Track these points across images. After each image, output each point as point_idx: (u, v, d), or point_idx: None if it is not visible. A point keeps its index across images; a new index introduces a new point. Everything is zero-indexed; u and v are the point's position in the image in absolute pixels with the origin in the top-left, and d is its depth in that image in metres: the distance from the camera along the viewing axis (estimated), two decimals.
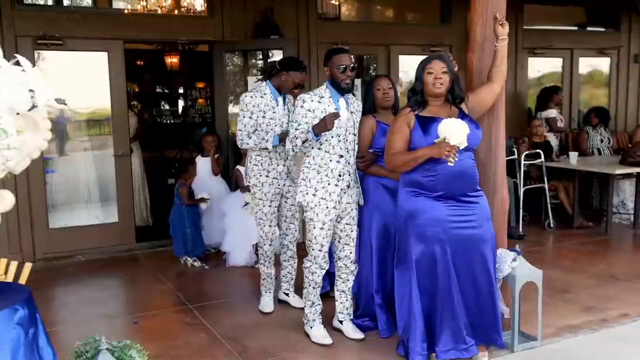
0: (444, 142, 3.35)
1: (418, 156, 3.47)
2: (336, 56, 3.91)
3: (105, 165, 6.86)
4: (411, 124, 3.56)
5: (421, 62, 3.64)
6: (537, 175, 7.42)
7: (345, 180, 3.92)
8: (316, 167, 3.91)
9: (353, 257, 4.10)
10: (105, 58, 6.58)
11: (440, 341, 3.56)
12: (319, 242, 3.94)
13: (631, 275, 5.39)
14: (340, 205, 3.94)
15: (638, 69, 10.18)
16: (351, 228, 4.05)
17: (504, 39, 3.71)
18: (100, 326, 4.43)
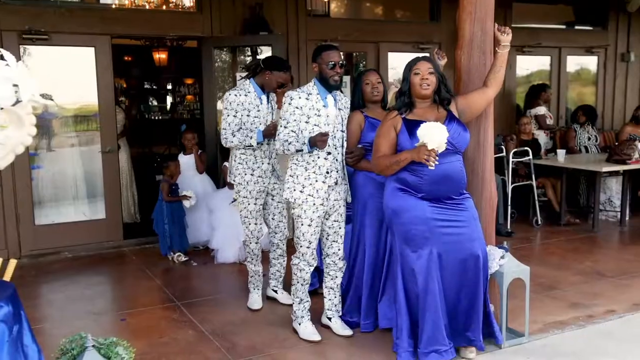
0: (423, 146, 3.35)
1: (400, 160, 3.49)
2: (325, 52, 3.89)
3: (93, 161, 6.80)
4: (398, 127, 3.57)
5: (408, 63, 3.66)
6: (525, 172, 7.45)
7: (333, 177, 3.91)
8: (304, 163, 3.90)
9: (341, 254, 4.10)
10: (92, 53, 6.52)
11: (421, 341, 3.56)
12: (307, 239, 3.94)
13: (617, 271, 5.43)
14: (328, 202, 3.94)
15: (625, 67, 10.24)
16: (339, 225, 4.04)
17: (506, 45, 3.69)
18: (86, 323, 4.42)
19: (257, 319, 4.52)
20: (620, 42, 10.13)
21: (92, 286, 5.41)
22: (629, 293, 4.85)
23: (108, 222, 6.78)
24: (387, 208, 3.62)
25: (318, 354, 3.89)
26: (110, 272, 5.93)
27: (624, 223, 7.33)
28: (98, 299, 5.09)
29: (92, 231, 6.68)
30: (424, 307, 3.53)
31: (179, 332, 4.30)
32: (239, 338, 4.15)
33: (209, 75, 7.29)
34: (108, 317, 4.69)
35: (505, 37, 3.68)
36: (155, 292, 5.24)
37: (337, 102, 3.99)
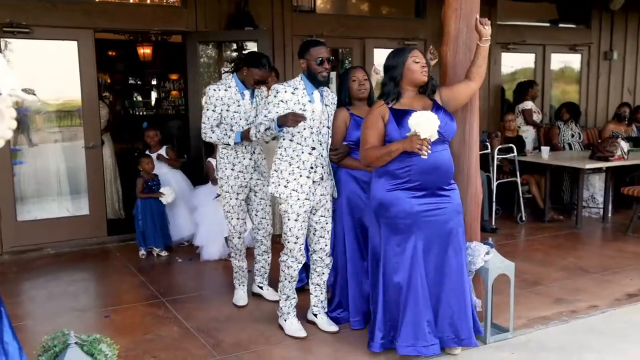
0: (415, 135, 3.34)
1: (391, 150, 3.45)
2: (314, 48, 3.87)
3: (76, 156, 6.74)
4: (385, 117, 3.54)
5: (401, 51, 3.62)
6: (509, 169, 7.49)
7: (318, 172, 3.90)
8: (288, 158, 3.88)
9: (328, 249, 4.09)
10: (75, 47, 6.47)
11: (401, 334, 3.56)
12: (294, 235, 3.92)
13: (600, 267, 5.48)
14: (314, 197, 3.93)
15: (608, 65, 10.33)
16: (326, 220, 4.03)
17: (487, 39, 3.69)
18: (69, 320, 4.39)
19: (243, 316, 4.50)
20: (604, 40, 10.22)
21: (75, 283, 5.36)
22: (610, 289, 4.89)
23: (92, 218, 6.73)
24: (374, 199, 3.61)
25: (304, 350, 3.88)
26: (93, 269, 5.88)
27: (607, 220, 7.39)
28: (81, 296, 5.05)
29: (75, 227, 6.62)
30: (405, 302, 3.53)
31: (164, 328, 4.28)
32: (224, 335, 4.13)
33: (194, 71, 7.24)
34: (91, 314, 4.65)
35: (486, 30, 3.67)
36: (139, 288, 5.20)
37: (324, 98, 3.97)
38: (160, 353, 3.87)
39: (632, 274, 5.27)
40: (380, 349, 3.67)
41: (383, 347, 3.67)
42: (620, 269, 5.41)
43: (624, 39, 10.38)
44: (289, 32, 7.55)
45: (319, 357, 3.78)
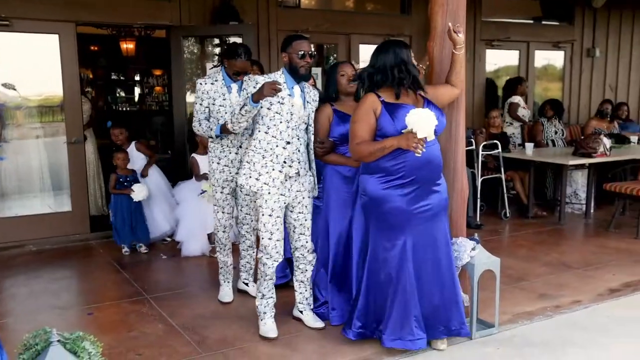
0: (412, 133, 3.32)
1: (385, 146, 3.41)
2: (296, 42, 3.84)
3: (58, 152, 6.67)
4: (378, 110, 3.49)
5: (401, 47, 3.56)
6: (494, 165, 7.52)
7: (294, 167, 3.84)
8: (261, 151, 3.83)
9: (310, 246, 4.06)
10: (56, 41, 6.38)
11: (387, 328, 3.57)
12: (268, 230, 3.86)
13: (582, 263, 5.52)
14: (290, 193, 3.89)
15: (590, 62, 10.41)
16: (305, 217, 3.99)
17: (461, 47, 3.69)
18: (51, 318, 4.34)
19: (228, 312, 4.47)
20: (586, 37, 10.30)
21: (57, 280, 5.30)
22: (593, 284, 4.93)
23: (74, 214, 6.66)
24: (365, 195, 3.59)
25: (290, 346, 3.86)
26: (76, 266, 5.81)
27: (589, 215, 7.45)
28: (63, 293, 4.99)
29: (57, 224, 6.55)
30: (393, 296, 3.54)
31: (148, 326, 4.24)
32: (209, 331, 4.10)
33: (178, 65, 7.19)
34: (74, 312, 4.60)
35: (460, 37, 3.67)
36: (123, 285, 5.15)
37: (305, 95, 3.94)
38: (144, 350, 3.83)
39: (614, 269, 5.31)
40: (356, 337, 3.69)
41: (359, 336, 3.69)
42: (603, 265, 5.46)
43: (605, 36, 10.47)
44: (274, 27, 7.52)
45: (304, 354, 3.76)
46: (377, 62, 3.56)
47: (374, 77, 3.56)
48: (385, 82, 3.53)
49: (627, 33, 10.69)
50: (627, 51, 10.75)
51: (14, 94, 6.30)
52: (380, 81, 3.54)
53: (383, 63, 3.53)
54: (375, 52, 3.61)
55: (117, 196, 6.10)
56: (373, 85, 3.57)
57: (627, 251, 5.92)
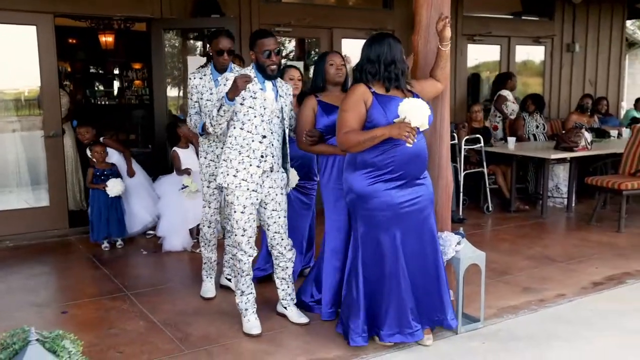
0: (404, 122, 3.28)
1: (376, 135, 3.34)
2: (260, 40, 3.75)
3: (36, 146, 6.55)
4: (368, 101, 3.43)
5: (395, 41, 3.52)
6: (476, 160, 7.53)
7: (268, 162, 3.80)
8: (238, 147, 3.78)
9: (286, 243, 4.00)
10: (34, 32, 6.25)
11: (385, 325, 3.55)
12: (240, 227, 3.82)
13: (565, 256, 5.54)
14: (262, 189, 3.84)
15: (570, 57, 10.47)
16: (278, 215, 3.94)
17: (447, 43, 3.66)
18: (29, 315, 4.25)
19: (211, 308, 4.41)
20: (566, 32, 10.35)
21: (35, 276, 5.20)
22: (576, 277, 4.95)
23: (52, 209, 6.55)
24: (351, 192, 3.54)
25: (275, 343, 3.81)
26: (54, 262, 5.71)
27: (571, 209, 7.49)
28: (41, 290, 4.89)
29: (35, 219, 6.44)
30: (389, 291, 3.51)
31: (129, 322, 4.16)
32: (192, 328, 4.04)
33: (159, 59, 7.09)
34: (52, 309, 4.50)
35: (448, 33, 3.64)
36: (103, 281, 5.06)
37: (278, 89, 3.89)
38: (125, 348, 3.76)
39: (596, 262, 5.34)
40: (367, 342, 3.60)
41: (366, 340, 3.60)
42: (586, 258, 5.48)
43: (585, 31, 10.53)
44: (256, 21, 7.44)
45: (289, 350, 3.71)
46: (371, 55, 3.51)
47: (367, 70, 3.51)
48: (377, 75, 3.49)
49: (605, 28, 10.76)
50: (606, 46, 10.83)
51: None
52: (374, 74, 3.50)
53: (377, 56, 3.49)
54: (369, 44, 3.55)
55: (94, 190, 6.01)
56: (366, 77, 3.52)
57: (609, 245, 5.96)
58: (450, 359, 3.57)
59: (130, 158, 6.43)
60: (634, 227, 6.61)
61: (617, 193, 6.52)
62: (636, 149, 6.77)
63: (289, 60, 8.13)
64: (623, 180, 6.48)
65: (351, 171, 3.54)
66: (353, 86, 3.55)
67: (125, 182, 6.15)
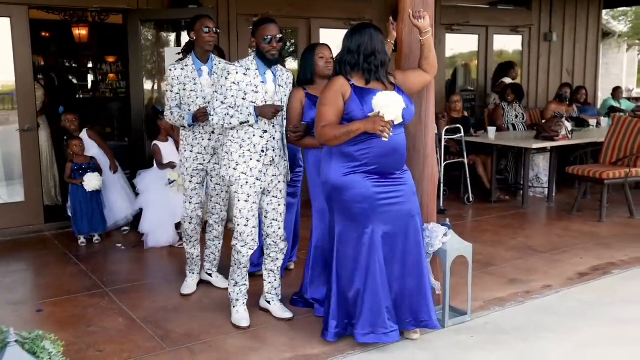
0: (379, 117, 3.22)
1: (351, 130, 3.30)
2: (262, 27, 3.76)
3: (10, 140, 6.38)
4: (347, 94, 3.38)
5: (376, 32, 3.45)
6: (456, 150, 7.50)
7: (269, 155, 3.78)
8: (239, 141, 3.75)
9: (282, 233, 3.96)
10: (7, 24, 6.07)
11: (358, 324, 3.47)
12: (244, 217, 3.77)
13: (549, 247, 5.54)
14: (265, 177, 3.80)
15: (548, 47, 10.48)
16: (278, 202, 3.90)
17: (427, 31, 3.59)
18: (5, 315, 4.14)
19: (192, 305, 4.33)
20: (543, 22, 10.35)
21: (10, 274, 5.06)
22: (561, 268, 4.95)
23: (27, 205, 6.38)
24: (327, 183, 3.47)
25: (258, 339, 3.74)
26: (30, 258, 5.56)
27: (552, 199, 7.50)
28: (18, 288, 4.76)
29: (9, 215, 6.27)
30: (364, 289, 3.43)
31: (108, 320, 4.06)
32: (173, 325, 3.95)
33: (135, 51, 6.92)
34: (29, 307, 4.37)
35: (423, 23, 3.57)
36: (81, 278, 4.94)
37: (277, 78, 3.84)
38: (105, 346, 3.66)
39: (580, 252, 5.35)
40: (335, 338, 3.57)
41: (337, 335, 3.58)
42: (569, 248, 5.49)
43: (562, 20, 10.54)
44: (233, 11, 7.31)
45: (275, 347, 3.64)
46: (351, 46, 3.44)
47: (346, 61, 3.44)
48: (356, 67, 3.42)
49: (582, 17, 10.79)
50: (582, 35, 10.87)
51: None
52: (353, 65, 3.43)
53: (357, 46, 3.41)
54: (350, 35, 3.48)
55: (73, 185, 5.89)
56: (345, 68, 3.44)
57: (592, 234, 5.98)
58: (437, 353, 3.53)
59: (111, 153, 6.31)
60: (615, 216, 6.64)
61: (599, 182, 6.53)
62: (617, 138, 6.81)
63: None
64: (604, 170, 6.50)
65: (327, 162, 3.49)
66: (332, 79, 3.49)
67: (105, 176, 6.04)
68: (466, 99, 9.77)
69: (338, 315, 3.56)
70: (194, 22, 4.29)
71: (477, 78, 9.98)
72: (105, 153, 6.26)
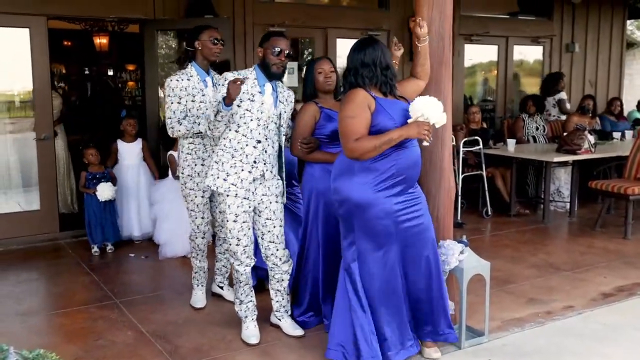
0: (422, 121, 3.16)
1: (393, 138, 3.20)
2: (273, 38, 3.68)
3: (27, 149, 6.39)
4: (372, 106, 3.28)
5: (385, 47, 3.41)
6: (474, 162, 7.37)
7: (259, 168, 3.66)
8: (231, 150, 3.65)
9: (282, 255, 3.84)
10: (26, 35, 6.11)
11: (390, 342, 3.35)
12: (234, 236, 3.68)
13: (571, 264, 5.36)
14: (255, 196, 3.70)
15: (569, 58, 10.33)
16: (273, 224, 3.79)
17: (424, 39, 3.56)
18: (14, 325, 4.11)
19: (202, 318, 4.24)
20: (565, 32, 10.21)
21: (22, 283, 5.03)
22: (584, 287, 4.77)
23: (43, 213, 6.38)
24: (349, 201, 3.33)
25: (269, 356, 3.65)
26: (43, 267, 5.53)
27: (573, 214, 7.31)
28: (28, 298, 4.71)
29: (25, 223, 6.28)
30: (388, 306, 3.35)
31: (117, 333, 4.00)
32: (182, 339, 3.87)
33: (152, 61, 6.93)
34: (38, 318, 4.32)
35: (422, 30, 3.54)
36: (92, 289, 4.89)
37: (278, 94, 3.75)
38: None
39: (604, 271, 5.16)
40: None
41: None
42: (592, 266, 5.30)
43: (585, 31, 10.40)
44: (250, 21, 7.30)
45: None
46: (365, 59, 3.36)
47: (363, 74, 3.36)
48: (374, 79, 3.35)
49: (605, 28, 10.63)
50: (606, 46, 10.70)
51: None
52: (370, 78, 3.35)
53: (372, 60, 3.35)
54: (361, 49, 3.40)
55: (87, 194, 5.88)
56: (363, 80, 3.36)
57: (617, 252, 5.76)
58: None
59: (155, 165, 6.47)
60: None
61: (623, 198, 6.31)
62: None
63: None
64: (629, 185, 6.29)
65: (347, 179, 3.35)
66: (352, 91, 3.36)
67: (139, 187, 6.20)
68: (485, 110, 9.66)
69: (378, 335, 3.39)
70: (198, 32, 4.18)
71: (496, 89, 9.86)
72: (148, 165, 6.36)
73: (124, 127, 6.35)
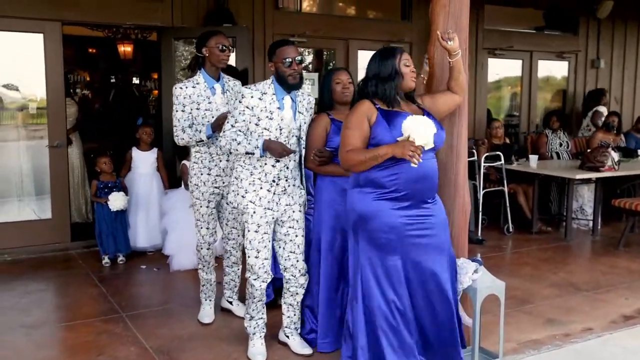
0: (408, 141, 3.01)
1: (379, 155, 3.08)
2: (280, 49, 3.53)
3: (40, 156, 6.35)
4: (372, 118, 3.17)
5: (391, 51, 3.29)
6: (496, 178, 7.20)
7: (281, 185, 3.56)
8: (250, 167, 3.55)
9: (301, 266, 3.71)
10: (40, 40, 6.08)
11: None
12: (254, 248, 3.56)
13: (592, 284, 5.17)
14: (278, 207, 3.58)
15: (595, 73, 10.13)
16: (295, 233, 3.67)
17: (456, 53, 3.37)
18: (18, 338, 4.03)
19: (209, 334, 4.13)
20: (591, 48, 10.06)
21: (29, 294, 4.95)
22: (605, 309, 4.58)
23: (54, 222, 6.33)
24: (354, 212, 3.23)
25: None
26: (52, 278, 5.45)
27: (597, 232, 7.10)
28: (34, 309, 4.62)
29: (36, 232, 6.23)
30: (393, 326, 3.19)
31: (121, 348, 3.89)
32: (186, 356, 3.76)
33: (169, 69, 6.89)
34: (43, 331, 4.23)
35: (452, 44, 3.33)
36: (99, 301, 4.80)
37: (297, 104, 3.63)
38: None
39: (626, 292, 4.96)
40: None
41: None
42: (614, 287, 5.10)
43: (610, 47, 10.23)
44: (270, 31, 7.23)
45: None
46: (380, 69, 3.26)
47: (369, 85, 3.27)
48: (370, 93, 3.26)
49: (632, 44, 10.45)
50: (632, 62, 10.51)
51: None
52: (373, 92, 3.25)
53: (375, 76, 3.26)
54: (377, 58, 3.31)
55: (98, 204, 5.83)
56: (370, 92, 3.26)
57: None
58: None
59: (166, 176, 6.43)
60: None
61: None
62: None
63: (307, 71, 7.89)
64: None
65: (354, 189, 3.26)
66: (358, 102, 3.29)
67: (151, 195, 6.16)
68: (510, 125, 9.49)
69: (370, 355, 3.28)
70: (206, 38, 4.09)
71: (520, 103, 9.69)
72: (161, 175, 6.33)
73: (140, 135, 6.30)
